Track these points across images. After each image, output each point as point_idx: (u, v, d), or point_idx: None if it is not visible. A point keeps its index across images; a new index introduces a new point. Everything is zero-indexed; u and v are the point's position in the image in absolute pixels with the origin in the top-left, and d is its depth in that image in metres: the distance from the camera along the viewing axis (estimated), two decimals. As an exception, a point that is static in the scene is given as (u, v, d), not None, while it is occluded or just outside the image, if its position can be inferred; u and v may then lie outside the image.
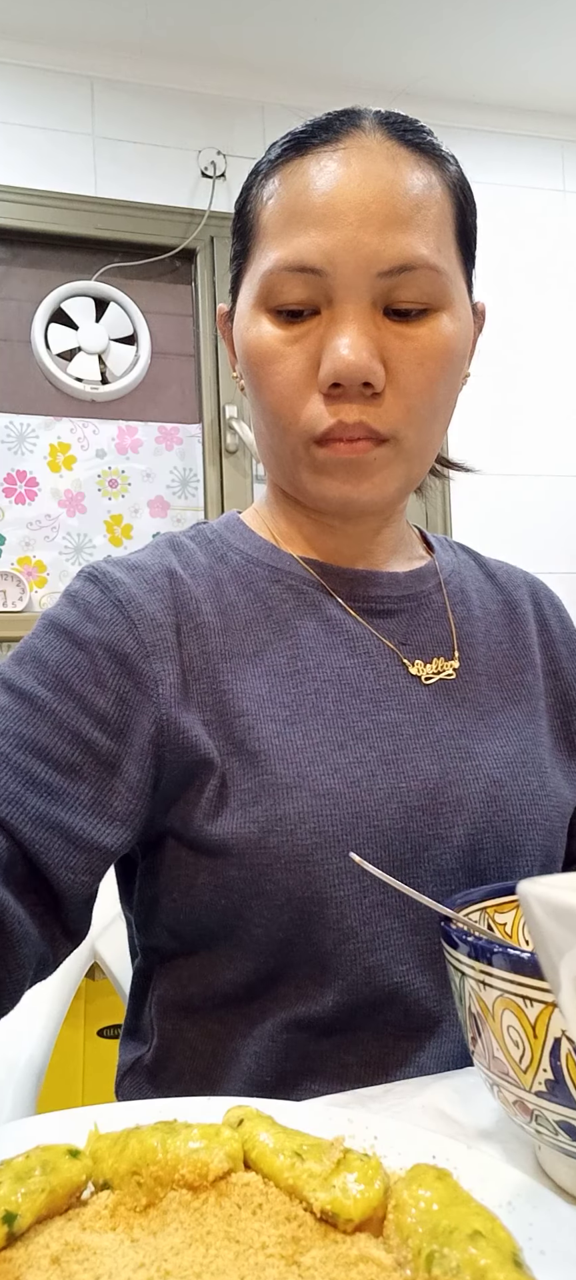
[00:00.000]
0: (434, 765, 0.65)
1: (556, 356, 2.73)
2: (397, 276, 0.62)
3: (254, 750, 0.62)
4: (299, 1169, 0.37)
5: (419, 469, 0.69)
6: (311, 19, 2.33)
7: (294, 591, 0.70)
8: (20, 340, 2.33)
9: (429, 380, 0.64)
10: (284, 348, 0.64)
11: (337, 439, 0.64)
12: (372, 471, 0.65)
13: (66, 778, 0.59)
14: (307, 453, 0.66)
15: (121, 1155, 0.38)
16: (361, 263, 0.61)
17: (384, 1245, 0.35)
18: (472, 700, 0.70)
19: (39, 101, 2.38)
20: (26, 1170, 0.37)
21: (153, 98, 2.46)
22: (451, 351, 0.65)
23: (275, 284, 0.64)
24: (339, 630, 0.69)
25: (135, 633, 0.64)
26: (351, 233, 0.61)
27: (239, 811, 0.61)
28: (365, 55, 2.46)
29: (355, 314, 0.62)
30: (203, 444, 2.43)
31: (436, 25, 2.38)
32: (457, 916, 0.46)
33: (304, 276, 0.62)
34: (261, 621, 0.68)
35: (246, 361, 0.67)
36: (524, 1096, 0.39)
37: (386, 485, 0.67)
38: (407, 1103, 0.52)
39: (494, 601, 0.79)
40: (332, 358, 0.62)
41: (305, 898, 0.60)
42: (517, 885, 0.30)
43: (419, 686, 0.69)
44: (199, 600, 0.67)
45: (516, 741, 0.70)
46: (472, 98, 2.65)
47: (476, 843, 0.64)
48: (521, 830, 0.66)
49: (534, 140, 2.78)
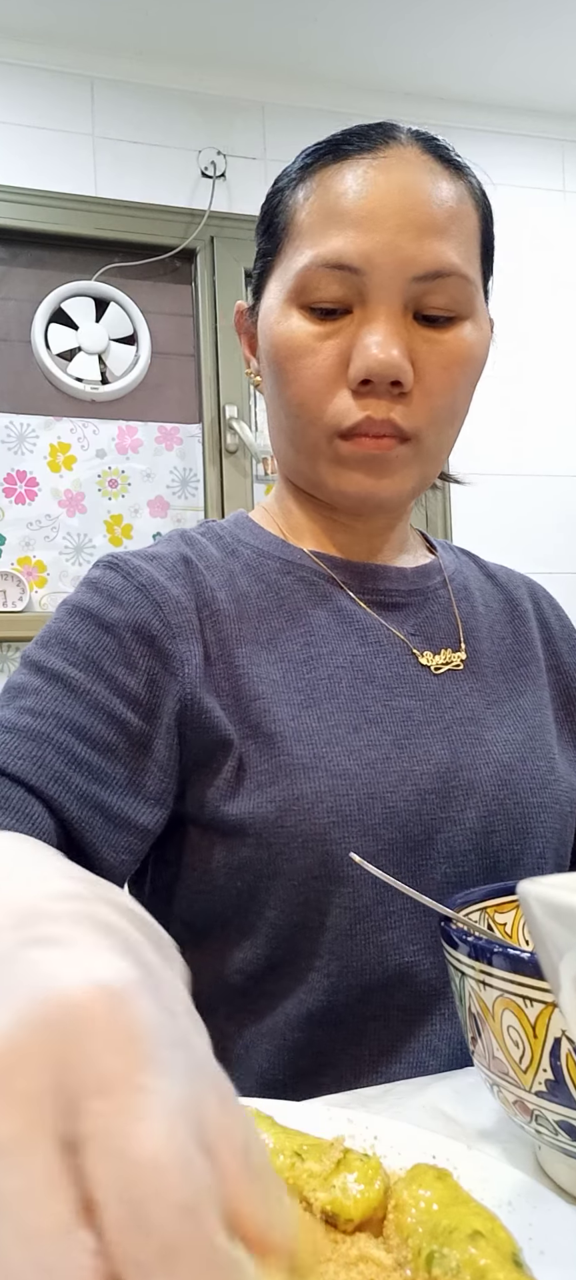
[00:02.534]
0: (445, 750, 0.67)
1: (556, 356, 2.73)
2: (431, 282, 0.65)
3: (270, 732, 0.64)
4: (299, 1169, 0.37)
5: (432, 471, 0.72)
6: (311, 19, 2.33)
7: (305, 583, 0.72)
8: (20, 340, 2.33)
9: (452, 384, 0.67)
10: (315, 343, 0.66)
11: (363, 434, 0.66)
12: (393, 469, 0.68)
13: (104, 758, 0.61)
14: (331, 446, 0.67)
15: (121, 1155, 0.38)
16: (398, 265, 0.64)
17: (384, 1245, 0.35)
18: (480, 690, 0.72)
19: (39, 101, 2.38)
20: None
21: (153, 98, 2.46)
22: (474, 359, 0.69)
23: (310, 280, 0.65)
24: (350, 620, 0.71)
25: (160, 614, 0.65)
26: (390, 236, 0.64)
27: (256, 792, 0.63)
28: (365, 55, 2.46)
29: (387, 315, 0.65)
30: (203, 444, 2.43)
31: (436, 25, 2.38)
32: (457, 916, 0.46)
33: (341, 275, 0.64)
34: (274, 611, 0.70)
35: (273, 354, 0.68)
36: (524, 1096, 0.39)
37: (404, 483, 0.69)
38: (407, 1103, 0.52)
39: (495, 600, 0.81)
40: (365, 355, 0.64)
41: (321, 876, 0.62)
42: (517, 885, 0.30)
43: (429, 676, 0.71)
44: (213, 589, 0.69)
45: (524, 729, 0.71)
46: (472, 98, 2.65)
47: (488, 825, 0.66)
48: (532, 813, 0.68)
49: (534, 140, 2.78)
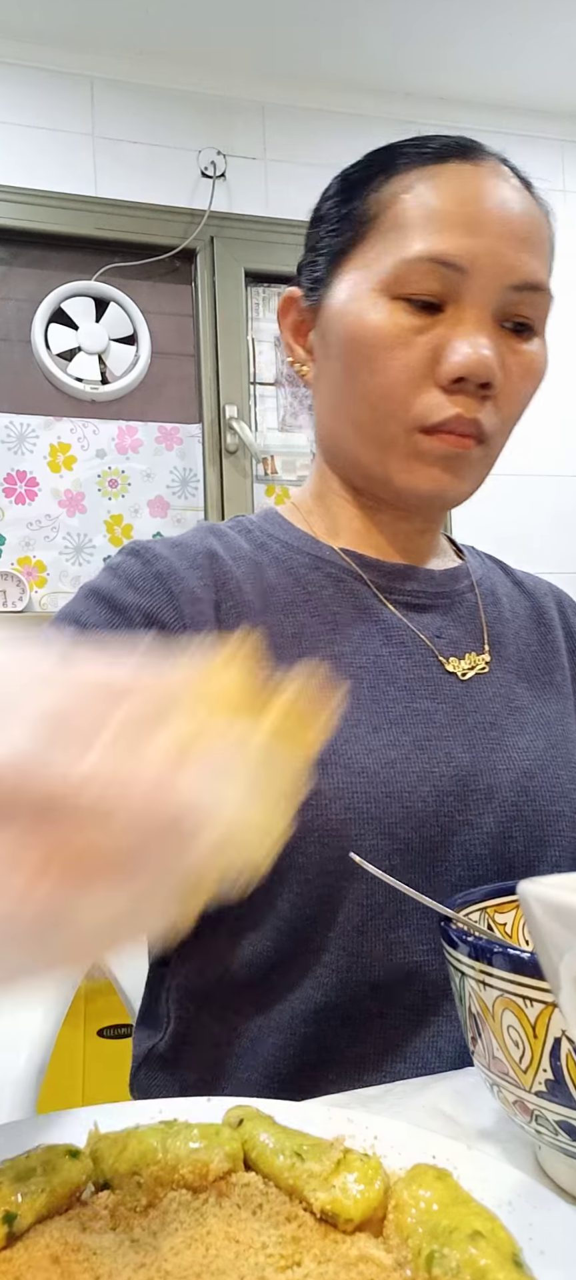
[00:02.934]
0: (465, 753, 0.67)
1: (556, 357, 2.73)
2: (523, 294, 0.67)
3: None
4: (299, 1169, 0.37)
5: (489, 471, 0.73)
6: (311, 19, 2.33)
7: (333, 579, 0.72)
8: (20, 340, 2.33)
9: (526, 395, 0.71)
10: (409, 336, 0.66)
11: (449, 431, 0.66)
12: (469, 469, 0.69)
13: None
14: (409, 441, 0.67)
15: (121, 1155, 0.38)
16: (499, 271, 0.65)
17: (384, 1245, 0.35)
18: (504, 695, 0.72)
19: (39, 101, 2.38)
20: (26, 1170, 0.37)
21: (153, 98, 2.46)
22: (542, 374, 0.72)
23: (411, 273, 0.66)
24: (375, 619, 0.71)
25: (175, 604, 0.66)
26: (493, 241, 0.65)
27: None
28: (365, 55, 2.46)
29: (481, 318, 0.66)
30: (203, 444, 2.43)
31: (436, 25, 2.38)
32: (457, 916, 0.46)
33: (444, 271, 0.65)
34: (300, 605, 0.70)
35: (357, 343, 0.67)
36: (524, 1096, 0.39)
37: (473, 485, 0.71)
38: (407, 1103, 0.52)
39: (522, 607, 0.81)
40: (464, 352, 0.65)
41: (335, 872, 0.62)
42: (518, 885, 0.30)
43: (453, 680, 0.71)
44: (239, 581, 0.69)
45: (546, 736, 0.71)
46: (472, 98, 2.65)
47: (506, 830, 0.66)
48: (550, 821, 0.68)
49: (534, 140, 2.78)
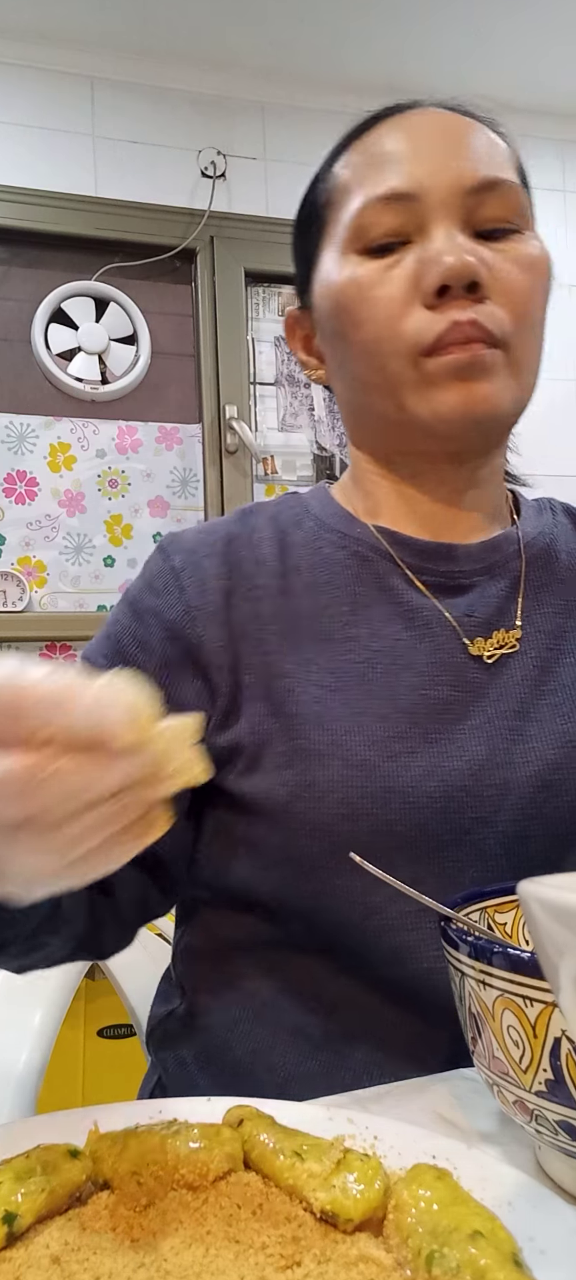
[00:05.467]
0: (481, 746, 0.63)
1: (556, 357, 2.73)
2: (483, 194, 0.65)
3: (291, 714, 0.63)
4: (299, 1169, 0.37)
5: (527, 390, 0.68)
6: (311, 19, 2.33)
7: (359, 558, 0.69)
8: (20, 340, 2.33)
9: (529, 287, 0.66)
10: (383, 274, 0.65)
11: (450, 342, 0.62)
12: (489, 374, 0.63)
13: None
14: (416, 369, 0.64)
15: (121, 1155, 0.38)
16: (451, 182, 0.64)
17: (384, 1245, 0.35)
18: (535, 677, 0.66)
19: (39, 101, 2.38)
20: (26, 1170, 0.37)
21: (153, 98, 2.46)
22: (543, 266, 0.68)
23: (365, 221, 0.65)
24: (400, 602, 0.68)
25: (183, 599, 0.67)
26: (439, 160, 0.65)
27: (272, 773, 0.62)
28: (365, 55, 2.46)
29: (449, 229, 0.64)
30: (203, 444, 2.43)
31: (436, 25, 2.38)
32: (457, 916, 0.46)
33: (396, 206, 0.64)
34: (322, 586, 0.69)
35: (340, 306, 0.67)
36: (524, 1096, 0.39)
37: (502, 393, 0.65)
38: (407, 1103, 0.52)
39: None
40: (436, 260, 0.63)
41: (330, 868, 0.60)
42: (518, 885, 0.30)
43: (478, 664, 0.66)
44: (260, 563, 0.69)
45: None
46: (473, 98, 2.65)
47: (524, 830, 0.62)
48: (574, 818, 0.63)
49: (534, 140, 2.78)
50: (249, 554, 0.69)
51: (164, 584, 0.68)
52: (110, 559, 2.35)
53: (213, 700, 0.65)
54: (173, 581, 0.68)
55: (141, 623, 0.68)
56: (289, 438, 2.52)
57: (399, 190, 0.64)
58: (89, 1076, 1.87)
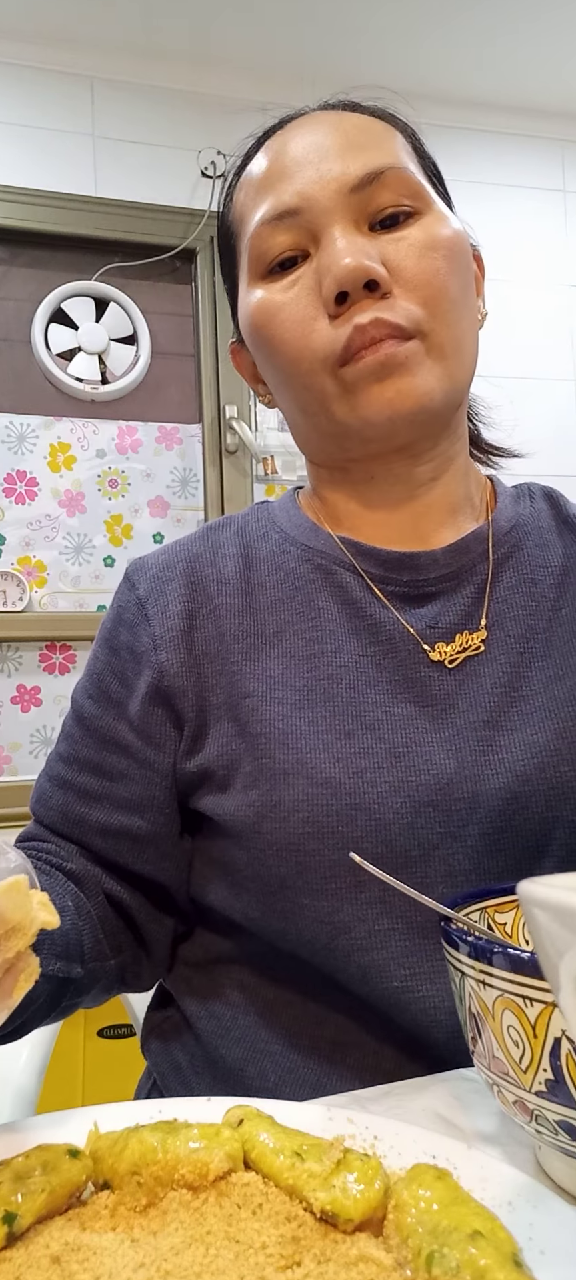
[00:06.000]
0: (449, 760, 0.61)
1: (556, 357, 2.73)
2: (369, 186, 0.64)
3: (256, 733, 0.63)
4: (299, 1169, 0.37)
5: (458, 372, 0.66)
6: (311, 19, 2.33)
7: (322, 572, 0.68)
8: (20, 340, 2.33)
9: (436, 270, 0.64)
10: (283, 296, 0.65)
11: (359, 347, 0.61)
12: (406, 368, 0.62)
13: (118, 784, 0.66)
14: (335, 381, 0.63)
15: (121, 1155, 0.38)
16: (332, 185, 0.64)
17: (384, 1245, 0.35)
18: (506, 684, 0.64)
19: (39, 101, 2.38)
20: (26, 1170, 0.37)
21: (153, 98, 2.46)
22: (450, 244, 0.65)
23: (260, 245, 0.66)
24: (362, 615, 0.66)
25: (149, 629, 0.68)
26: (314, 168, 0.64)
27: (240, 793, 0.62)
28: (365, 55, 2.46)
29: (342, 231, 0.63)
30: (203, 444, 2.43)
31: (436, 25, 2.38)
32: (457, 916, 0.46)
33: (284, 223, 0.65)
34: (286, 602, 0.68)
35: (255, 334, 0.67)
36: (524, 1096, 0.39)
37: (427, 385, 0.63)
38: (407, 1104, 0.52)
39: (558, 555, 0.71)
40: (331, 269, 0.62)
41: (297, 887, 0.60)
42: (517, 885, 0.30)
43: (443, 674, 0.64)
44: (223, 582, 0.69)
45: (552, 725, 0.63)
46: (472, 98, 2.65)
47: (493, 843, 0.60)
48: (545, 830, 0.61)
49: (534, 140, 2.78)
50: (212, 572, 0.69)
51: (132, 616, 0.69)
52: (110, 559, 2.35)
53: (180, 727, 0.66)
54: (139, 612, 0.69)
55: (118, 658, 0.69)
56: (288, 438, 2.51)
57: (284, 208, 0.64)
58: (89, 1076, 1.87)
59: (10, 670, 2.25)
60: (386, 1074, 0.61)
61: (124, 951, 0.67)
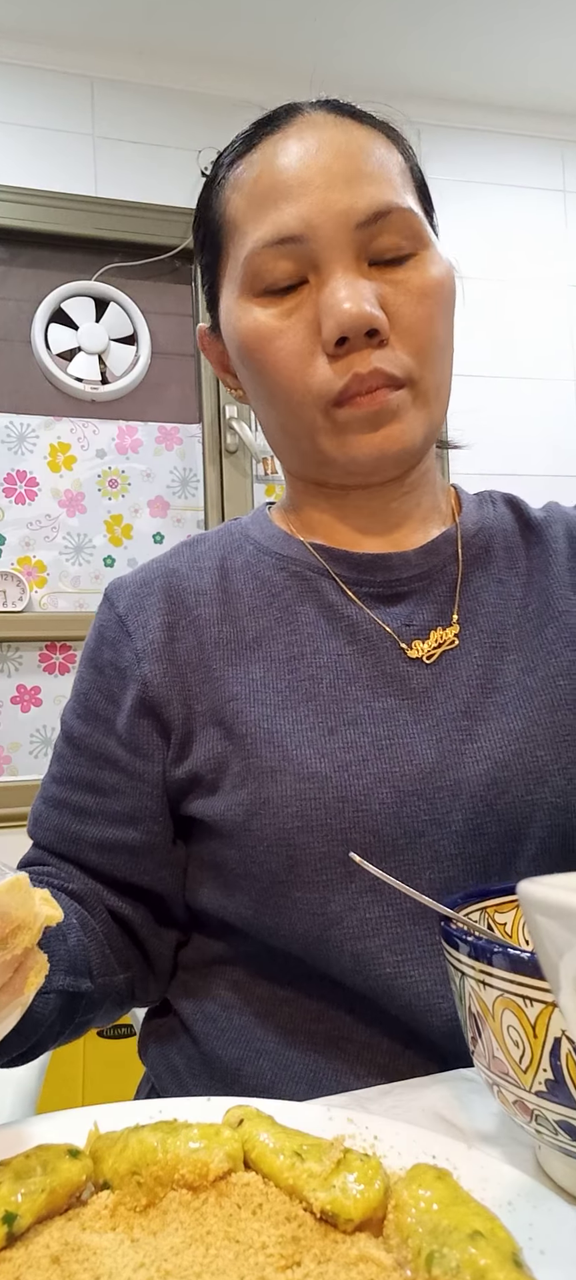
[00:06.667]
0: (431, 750, 0.63)
1: (556, 357, 2.73)
2: (374, 225, 0.63)
3: (241, 734, 0.64)
4: (299, 1169, 0.37)
5: (438, 413, 0.69)
6: (311, 19, 2.33)
7: (297, 578, 0.70)
8: (20, 340, 2.33)
9: (430, 317, 0.65)
10: (280, 323, 0.65)
11: (356, 394, 0.63)
12: (397, 417, 0.65)
13: (112, 799, 0.68)
14: (327, 418, 0.65)
15: (121, 1155, 0.38)
16: (338, 219, 0.63)
17: (384, 1245, 0.35)
18: (480, 675, 0.67)
19: (39, 101, 2.38)
20: (26, 1170, 0.37)
21: (153, 98, 2.46)
22: (444, 287, 0.67)
23: (259, 265, 0.65)
24: (338, 617, 0.69)
25: (131, 644, 0.69)
26: (321, 194, 0.63)
27: (229, 794, 0.63)
28: (365, 55, 2.46)
29: (344, 269, 0.63)
30: (203, 444, 2.43)
31: (436, 25, 2.38)
32: (457, 916, 0.46)
33: (286, 248, 0.64)
34: (263, 609, 0.69)
35: (245, 353, 0.67)
36: (524, 1096, 0.39)
37: (413, 430, 0.66)
38: (407, 1104, 0.52)
39: (523, 557, 0.74)
40: (334, 313, 0.62)
41: (288, 881, 0.61)
42: (517, 885, 0.30)
43: (421, 669, 0.67)
44: (201, 593, 0.70)
45: (527, 714, 0.65)
46: (472, 98, 2.65)
47: (476, 828, 0.62)
48: (526, 812, 0.63)
49: (534, 140, 2.78)
50: (189, 585, 0.71)
51: (113, 634, 0.70)
52: (110, 559, 2.35)
53: (167, 736, 0.67)
54: (120, 629, 0.70)
55: (103, 676, 0.70)
56: (289, 438, 2.52)
57: (287, 234, 0.63)
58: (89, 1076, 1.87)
59: (10, 670, 2.25)
60: (381, 1066, 0.62)
61: (132, 967, 0.69)
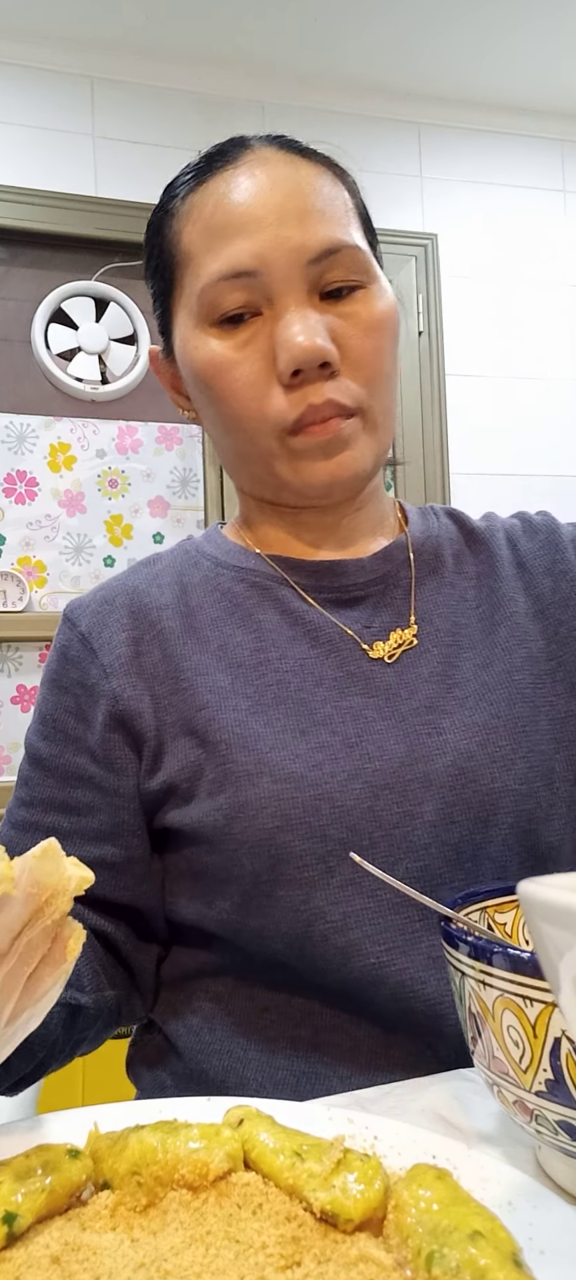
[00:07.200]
0: (400, 744, 0.66)
1: (556, 358, 2.73)
2: (325, 261, 0.66)
3: (215, 741, 0.65)
4: (299, 1169, 0.37)
5: (386, 438, 0.72)
6: (311, 19, 2.33)
7: (258, 588, 0.73)
8: (20, 340, 2.33)
9: (378, 349, 0.68)
10: (235, 354, 0.67)
11: (310, 423, 0.66)
12: (349, 444, 0.68)
13: (86, 817, 0.68)
14: (283, 446, 0.68)
15: (121, 1155, 0.38)
16: (290, 255, 0.65)
17: (384, 1245, 0.35)
18: (440, 673, 0.70)
19: (39, 101, 2.38)
20: (26, 1170, 0.37)
21: (153, 98, 2.46)
22: (389, 319, 0.70)
23: (214, 297, 0.67)
24: (300, 622, 0.71)
25: (97, 661, 0.70)
26: (273, 231, 0.65)
27: (206, 800, 0.65)
28: (365, 55, 2.46)
29: (297, 303, 0.66)
30: (203, 444, 2.43)
31: (436, 25, 2.38)
32: (457, 916, 0.46)
33: (240, 281, 0.66)
34: (225, 619, 0.71)
35: (201, 382, 0.69)
36: (524, 1096, 0.39)
37: (364, 456, 0.69)
38: (407, 1105, 0.52)
39: (471, 564, 0.77)
40: (288, 346, 0.65)
41: (270, 881, 0.63)
42: (517, 885, 0.30)
43: (383, 669, 0.69)
44: (163, 608, 0.72)
45: (487, 707, 0.68)
46: (473, 98, 2.65)
47: (447, 817, 0.65)
48: (492, 799, 0.66)
49: (534, 140, 2.78)
50: (151, 601, 0.72)
51: (77, 653, 0.71)
52: (110, 559, 2.35)
53: (139, 749, 0.68)
54: (84, 647, 0.71)
55: (70, 695, 0.70)
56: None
57: (241, 269, 0.65)
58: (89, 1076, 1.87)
59: (10, 670, 2.25)
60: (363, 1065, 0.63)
61: (118, 985, 0.70)
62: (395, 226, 2.62)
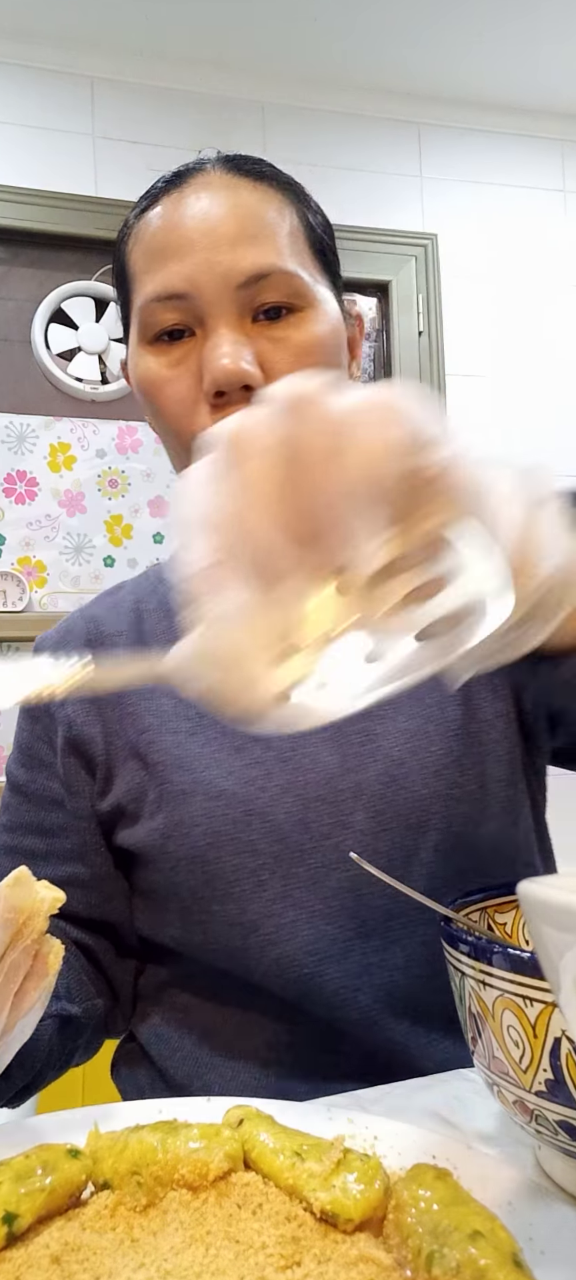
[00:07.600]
0: (333, 755, 0.68)
1: (556, 358, 2.73)
2: (255, 285, 0.67)
3: (155, 763, 0.69)
4: (299, 1169, 0.37)
5: None
6: (311, 19, 2.33)
7: None
8: (20, 340, 2.33)
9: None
10: (168, 371, 0.69)
11: None
12: None
13: (59, 838, 0.72)
14: None
15: (121, 1155, 0.38)
16: (219, 280, 0.66)
17: (384, 1245, 0.35)
18: None
19: (39, 101, 2.38)
20: (26, 1170, 0.37)
21: (153, 98, 2.46)
22: (322, 346, 0.69)
23: (148, 317, 0.69)
24: None
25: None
26: (204, 255, 0.66)
27: (147, 821, 0.68)
28: (365, 55, 2.46)
29: (226, 324, 0.67)
30: (203, 444, 2.43)
31: (436, 25, 2.38)
32: (457, 917, 0.46)
33: (172, 304, 0.67)
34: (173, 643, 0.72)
35: (142, 396, 0.72)
36: (524, 1096, 0.39)
37: None
38: (407, 1105, 0.52)
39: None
40: (211, 368, 0.66)
41: (206, 896, 0.65)
42: (518, 885, 0.31)
43: None
44: (117, 635, 0.76)
45: (421, 712, 0.70)
46: (472, 97, 2.65)
47: (378, 824, 0.66)
48: (424, 805, 0.67)
49: (534, 140, 2.78)
50: (108, 629, 0.77)
51: None
52: (110, 559, 2.35)
53: (92, 772, 0.72)
54: None
55: (39, 723, 0.75)
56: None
57: (172, 291, 0.67)
58: (89, 1076, 1.87)
59: (10, 670, 2.25)
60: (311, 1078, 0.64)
61: (104, 996, 0.72)
62: (395, 226, 2.62)
